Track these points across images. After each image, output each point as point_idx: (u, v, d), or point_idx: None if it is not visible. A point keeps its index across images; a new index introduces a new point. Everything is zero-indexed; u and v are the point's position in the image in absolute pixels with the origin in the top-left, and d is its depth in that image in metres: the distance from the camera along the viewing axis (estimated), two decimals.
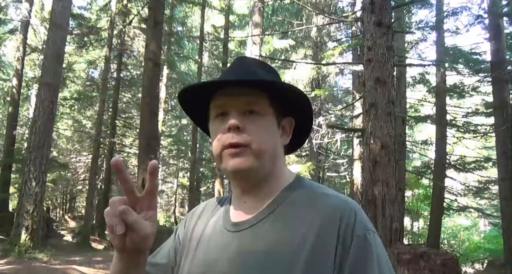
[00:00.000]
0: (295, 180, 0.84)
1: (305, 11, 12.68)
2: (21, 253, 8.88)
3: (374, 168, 5.30)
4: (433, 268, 5.17)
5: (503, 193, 9.32)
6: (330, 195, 0.79)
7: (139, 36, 16.00)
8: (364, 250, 0.72)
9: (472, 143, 14.82)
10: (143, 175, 6.24)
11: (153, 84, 6.46)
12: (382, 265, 0.73)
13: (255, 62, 0.89)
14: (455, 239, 18.14)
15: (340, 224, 0.73)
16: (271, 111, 0.81)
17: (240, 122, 0.77)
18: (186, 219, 0.96)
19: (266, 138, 0.79)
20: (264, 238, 0.76)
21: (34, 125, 9.80)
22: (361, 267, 0.71)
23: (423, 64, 13.44)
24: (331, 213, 0.74)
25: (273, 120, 0.81)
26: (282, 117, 0.84)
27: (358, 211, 0.76)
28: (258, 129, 0.78)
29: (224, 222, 0.84)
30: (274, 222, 0.77)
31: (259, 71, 0.83)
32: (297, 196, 0.80)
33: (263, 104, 0.80)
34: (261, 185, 0.81)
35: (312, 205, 0.77)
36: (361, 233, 0.73)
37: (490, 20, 10.19)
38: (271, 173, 0.81)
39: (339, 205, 0.76)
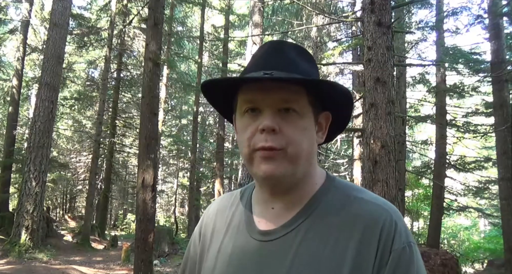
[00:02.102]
0: (327, 181, 0.77)
1: (305, 11, 12.68)
2: (21, 253, 8.89)
3: (374, 168, 5.30)
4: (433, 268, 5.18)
5: (503, 193, 9.31)
6: (367, 200, 0.72)
7: (139, 36, 16.00)
8: (402, 266, 0.67)
9: (472, 143, 14.83)
10: (143, 175, 6.24)
11: (153, 84, 6.45)
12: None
13: (295, 49, 0.77)
14: (455, 239, 18.13)
15: (380, 237, 0.67)
16: (310, 109, 0.73)
17: (275, 123, 0.68)
18: (202, 224, 0.89)
19: (303, 140, 0.71)
20: (298, 251, 0.70)
21: (34, 125, 9.81)
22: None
23: (423, 64, 13.44)
24: (371, 224, 0.68)
25: (311, 118, 0.73)
26: (319, 113, 0.76)
27: (398, 221, 0.70)
28: (295, 131, 0.70)
29: (249, 230, 0.77)
30: (308, 233, 0.71)
31: (300, 62, 0.74)
32: (330, 202, 0.73)
33: (301, 102, 0.71)
34: (294, 189, 0.74)
35: (349, 212, 0.71)
36: (400, 247, 0.67)
37: (490, 20, 10.19)
38: (306, 175, 0.74)
39: (380, 214, 0.69)
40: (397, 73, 10.75)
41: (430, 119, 13.47)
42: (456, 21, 18.82)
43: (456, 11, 12.17)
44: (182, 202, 27.49)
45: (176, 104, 23.83)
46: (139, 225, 6.21)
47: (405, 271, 0.67)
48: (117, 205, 28.56)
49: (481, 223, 21.23)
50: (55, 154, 19.85)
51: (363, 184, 5.98)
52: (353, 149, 13.79)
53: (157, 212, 17.21)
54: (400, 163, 9.74)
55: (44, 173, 9.84)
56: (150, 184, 6.25)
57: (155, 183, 6.48)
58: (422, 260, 0.71)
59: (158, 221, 22.73)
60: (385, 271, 0.66)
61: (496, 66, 9.68)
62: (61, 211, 25.46)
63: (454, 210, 14.12)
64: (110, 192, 19.00)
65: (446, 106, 12.93)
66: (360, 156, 11.47)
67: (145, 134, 6.30)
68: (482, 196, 15.68)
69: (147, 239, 6.10)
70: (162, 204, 28.26)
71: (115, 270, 9.50)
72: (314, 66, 0.78)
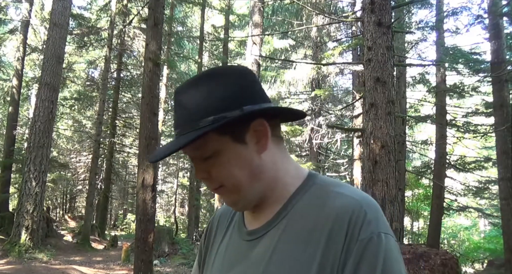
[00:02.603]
0: (306, 180, 0.77)
1: (305, 11, 12.68)
2: (21, 253, 8.89)
3: (374, 168, 5.30)
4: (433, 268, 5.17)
5: (503, 193, 9.31)
6: (342, 193, 0.71)
7: (139, 36, 16.00)
8: (367, 256, 0.64)
9: (472, 143, 14.84)
10: (143, 175, 6.24)
11: (153, 84, 6.45)
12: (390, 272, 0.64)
13: (187, 89, 0.75)
14: (455, 239, 18.15)
15: (348, 228, 0.66)
16: (225, 138, 0.72)
17: (204, 173, 0.75)
18: (208, 228, 0.93)
19: (234, 170, 0.72)
20: (275, 249, 0.71)
21: (34, 125, 9.81)
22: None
23: (423, 64, 13.44)
24: (341, 216, 0.67)
25: (232, 144, 0.72)
26: (245, 129, 0.73)
27: (368, 210, 0.68)
28: (221, 170, 0.73)
29: (240, 231, 0.81)
30: (286, 230, 0.72)
31: (195, 100, 0.72)
32: (308, 198, 0.74)
33: (212, 142, 0.72)
34: (264, 201, 0.77)
35: (323, 206, 0.70)
36: (367, 237, 0.65)
37: (490, 20, 10.19)
38: (266, 187, 0.76)
39: (349, 205, 0.68)
40: (397, 73, 10.75)
41: (430, 119, 13.47)
42: (456, 21, 18.77)
43: (456, 11, 12.17)
44: (182, 202, 27.49)
45: None
46: (139, 225, 6.21)
47: (371, 262, 0.64)
48: (117, 205, 28.57)
49: (481, 223, 21.24)
50: (55, 154, 19.85)
51: (363, 184, 5.98)
52: (353, 149, 13.79)
53: (157, 212, 17.20)
54: (400, 163, 9.74)
55: (44, 173, 9.84)
56: (150, 184, 6.26)
57: (155, 183, 6.48)
58: (396, 252, 0.67)
59: (158, 221, 22.74)
60: (351, 263, 0.64)
61: (496, 66, 9.68)
62: (61, 211, 25.46)
63: (454, 210, 14.12)
64: (110, 192, 19.00)
65: (446, 106, 12.94)
66: (360, 156, 11.47)
67: (145, 134, 6.30)
68: (482, 196, 15.69)
69: (147, 239, 6.10)
70: (162, 204, 28.26)
71: (115, 270, 9.50)
72: (213, 89, 0.73)
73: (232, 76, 0.75)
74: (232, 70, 0.77)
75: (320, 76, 12.90)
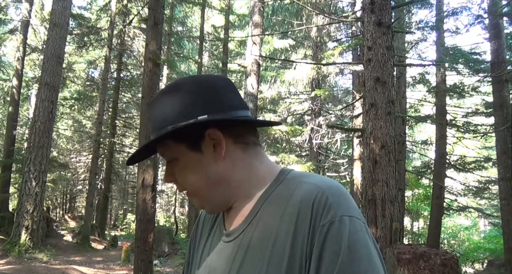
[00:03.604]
0: (278, 176, 0.78)
1: (305, 11, 12.68)
2: (21, 253, 8.88)
3: (374, 168, 5.30)
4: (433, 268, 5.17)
5: (503, 193, 9.31)
6: (308, 182, 0.72)
7: (139, 36, 16.01)
8: (329, 241, 0.63)
9: (472, 143, 14.84)
10: (143, 175, 6.24)
11: (153, 84, 6.45)
12: (356, 255, 0.62)
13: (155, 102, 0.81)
14: (455, 239, 18.14)
15: (311, 215, 0.66)
16: (181, 146, 0.77)
17: (170, 176, 0.81)
18: (192, 232, 0.96)
19: (191, 177, 0.77)
20: (251, 245, 0.72)
21: (34, 125, 9.80)
22: (326, 261, 0.63)
23: (423, 64, 13.44)
24: (304, 203, 0.68)
25: (189, 152, 0.77)
26: (200, 137, 0.76)
27: (330, 196, 0.67)
28: (181, 175, 0.79)
29: (220, 232, 0.83)
30: (258, 226, 0.73)
31: (161, 111, 0.78)
32: (279, 192, 0.74)
33: (171, 148, 0.78)
34: (235, 202, 0.79)
35: (291, 196, 0.71)
36: (327, 221, 0.64)
37: (490, 20, 10.19)
38: (231, 191, 0.78)
39: (312, 191, 0.68)
40: (397, 73, 10.75)
41: (430, 119, 13.47)
42: (456, 21, 18.83)
43: (456, 11, 12.18)
44: (182, 202, 27.49)
45: None
46: (139, 225, 6.21)
47: (333, 247, 0.63)
48: (117, 205, 28.57)
49: (481, 223, 21.24)
50: (55, 154, 19.85)
51: (363, 184, 5.98)
52: (353, 149, 13.79)
53: (157, 212, 17.20)
54: (400, 163, 9.74)
55: (44, 173, 9.84)
56: (150, 184, 6.25)
57: (155, 183, 6.48)
58: (363, 233, 0.65)
59: (158, 221, 22.74)
60: (314, 250, 0.64)
61: (496, 66, 9.68)
62: (61, 211, 25.46)
63: (454, 210, 14.12)
64: (110, 192, 18.99)
65: (446, 106, 12.94)
66: (360, 156, 11.47)
67: (145, 134, 6.30)
68: (482, 196, 15.69)
69: (147, 239, 6.10)
70: (162, 204, 28.26)
71: (115, 270, 9.50)
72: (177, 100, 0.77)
73: (193, 87, 0.78)
74: (194, 81, 0.80)
75: (320, 76, 12.90)
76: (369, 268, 0.62)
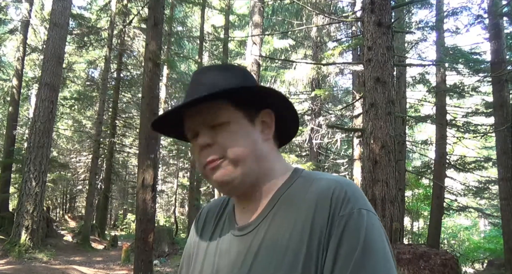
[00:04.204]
0: (292, 174, 0.80)
1: (305, 11, 12.68)
2: (21, 253, 8.88)
3: (374, 168, 5.30)
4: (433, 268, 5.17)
5: (503, 193, 9.31)
6: (323, 178, 0.75)
7: (139, 36, 16.00)
8: (349, 230, 0.65)
9: (472, 143, 14.84)
10: (143, 175, 6.24)
11: (153, 84, 6.45)
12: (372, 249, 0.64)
13: (211, 70, 0.83)
14: (455, 239, 18.13)
15: (330, 206, 0.68)
16: (238, 113, 0.78)
17: (209, 138, 0.76)
18: (193, 227, 0.94)
19: (240, 142, 0.75)
20: (266, 238, 0.73)
21: (34, 125, 9.80)
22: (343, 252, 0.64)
23: (423, 64, 13.44)
24: (323, 196, 0.70)
25: (244, 120, 0.78)
26: (256, 113, 0.80)
27: (348, 189, 0.70)
28: (228, 138, 0.75)
29: (230, 228, 0.82)
30: (274, 220, 0.74)
31: (216, 80, 0.79)
32: (294, 188, 0.77)
33: (227, 112, 0.77)
34: (253, 189, 0.79)
35: (306, 192, 0.73)
36: (347, 212, 0.67)
37: (490, 20, 10.19)
38: (261, 173, 0.78)
39: (330, 185, 0.71)
40: (397, 73, 10.75)
41: (430, 119, 13.47)
42: (456, 21, 18.80)
43: (456, 11, 12.18)
44: (182, 202, 27.48)
45: (176, 104, 23.81)
46: (139, 225, 6.21)
47: (352, 236, 0.65)
48: (117, 205, 28.56)
49: (481, 223, 21.24)
50: (55, 154, 19.85)
51: (363, 184, 5.98)
52: (353, 149, 13.79)
53: (157, 212, 17.20)
54: (400, 163, 9.74)
55: (44, 173, 9.84)
56: (150, 184, 6.25)
57: (155, 183, 6.48)
58: (379, 227, 0.68)
59: (158, 221, 22.73)
60: (333, 239, 0.66)
61: (496, 66, 9.68)
62: (61, 211, 25.46)
63: (454, 210, 14.12)
64: (110, 192, 19.00)
65: (446, 106, 12.94)
66: (360, 156, 11.47)
67: (145, 134, 6.30)
68: (482, 196, 15.69)
69: (147, 239, 6.10)
70: (162, 204, 28.25)
71: (115, 270, 9.50)
72: (233, 73, 0.81)
73: (241, 71, 0.83)
74: (239, 67, 0.86)
75: (320, 76, 12.90)
76: (384, 262, 0.64)
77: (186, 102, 0.75)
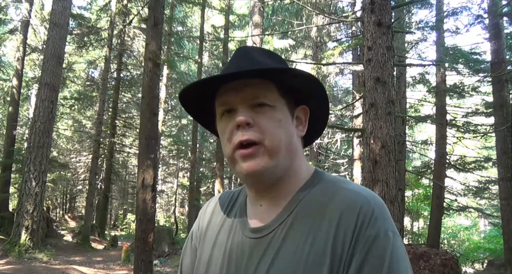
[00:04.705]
0: (313, 175, 0.77)
1: (305, 11, 12.68)
2: (21, 253, 8.88)
3: (374, 168, 5.30)
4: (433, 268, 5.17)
5: (503, 193, 9.31)
6: (350, 189, 0.71)
7: (139, 36, 16.00)
8: (373, 253, 0.64)
9: (472, 143, 14.83)
10: (143, 175, 6.24)
11: (153, 84, 6.45)
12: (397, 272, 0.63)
13: (258, 50, 0.79)
14: (455, 239, 18.13)
15: (356, 223, 0.66)
16: (282, 101, 0.73)
17: (249, 117, 0.70)
18: (199, 218, 0.90)
19: (280, 131, 0.71)
20: (281, 246, 0.70)
21: (34, 125, 9.80)
22: (367, 273, 0.63)
23: (423, 64, 13.44)
24: (349, 210, 0.67)
25: (286, 111, 0.74)
26: (295, 107, 0.77)
27: (376, 208, 0.67)
28: (270, 123, 0.71)
29: (242, 228, 0.78)
30: (294, 225, 0.71)
31: (264, 60, 0.75)
32: (315, 193, 0.73)
33: (272, 95, 0.72)
34: (277, 185, 0.75)
35: (330, 202, 0.70)
36: (373, 233, 0.65)
37: (490, 20, 10.18)
38: (289, 170, 0.74)
39: (357, 200, 0.68)
40: (397, 73, 10.74)
41: (430, 119, 13.47)
42: (456, 21, 18.81)
43: (456, 11, 12.17)
44: (182, 202, 27.48)
45: (176, 104, 23.80)
46: (139, 225, 6.21)
47: (377, 259, 0.63)
48: (117, 205, 28.56)
49: (481, 223, 21.23)
50: (55, 154, 19.85)
51: (363, 184, 5.98)
52: (353, 149, 13.79)
53: (157, 212, 17.21)
54: (400, 163, 9.73)
55: (44, 173, 9.84)
56: (150, 184, 6.25)
57: (155, 183, 6.48)
58: (403, 251, 0.67)
59: (158, 221, 22.73)
60: (356, 258, 0.64)
61: (496, 66, 9.68)
62: (61, 211, 25.46)
63: (454, 210, 14.11)
64: (110, 192, 19.00)
65: (446, 106, 12.94)
66: (360, 156, 11.47)
67: (145, 134, 6.29)
68: (482, 196, 15.68)
69: (147, 239, 6.10)
70: (162, 204, 28.25)
71: (115, 270, 9.50)
72: (281, 63, 0.79)
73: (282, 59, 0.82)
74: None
75: (320, 76, 12.89)
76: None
77: (239, 71, 0.70)
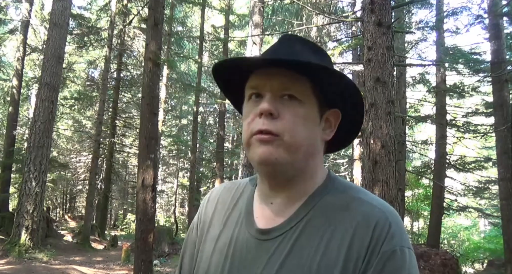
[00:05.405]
0: (328, 180, 0.75)
1: (305, 11, 12.68)
2: (21, 253, 8.88)
3: (374, 168, 5.30)
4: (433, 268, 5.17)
5: (503, 193, 9.31)
6: (366, 201, 0.70)
7: (139, 36, 16.01)
8: (389, 269, 0.63)
9: (472, 143, 14.83)
10: (143, 175, 6.24)
11: (153, 84, 6.45)
12: None
13: (302, 41, 0.77)
14: (455, 239, 18.13)
15: (371, 237, 0.65)
16: (313, 100, 0.71)
17: (274, 107, 0.68)
18: (201, 210, 0.87)
19: (303, 130, 0.69)
20: (291, 251, 0.68)
21: (34, 125, 9.81)
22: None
23: (423, 64, 13.44)
24: (365, 223, 0.66)
25: (314, 110, 0.71)
26: (326, 109, 0.74)
27: (393, 223, 0.66)
28: (294, 118, 0.68)
29: (248, 225, 0.76)
30: (305, 231, 0.69)
31: (305, 52, 0.73)
32: (330, 200, 0.71)
33: (304, 90, 0.70)
34: (291, 184, 0.72)
35: (346, 211, 0.69)
36: (390, 249, 0.64)
37: (490, 20, 10.19)
38: (304, 171, 0.72)
39: (375, 214, 0.67)
40: (397, 73, 10.74)
41: (430, 119, 13.47)
42: (456, 21, 18.84)
43: (456, 11, 12.17)
44: (182, 202, 27.48)
45: (176, 104, 23.82)
46: (139, 225, 6.21)
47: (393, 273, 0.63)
48: (117, 205, 28.56)
49: (481, 223, 21.22)
50: (55, 154, 19.84)
51: (363, 184, 5.98)
52: (353, 149, 13.79)
53: (157, 212, 17.19)
54: (400, 163, 9.73)
55: (44, 173, 9.84)
56: (150, 184, 6.25)
57: (155, 183, 6.48)
58: (417, 269, 0.66)
59: (158, 221, 22.73)
60: (371, 271, 0.63)
61: (496, 66, 9.68)
62: (61, 211, 25.46)
63: (454, 210, 14.11)
64: (110, 192, 19.01)
65: (446, 106, 12.94)
66: (360, 156, 11.47)
67: (145, 134, 6.29)
68: (482, 196, 15.69)
69: (147, 239, 6.10)
70: (162, 204, 28.25)
71: (115, 270, 9.50)
72: (324, 58, 0.76)
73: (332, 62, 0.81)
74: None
75: None
76: None
77: (273, 58, 0.70)
